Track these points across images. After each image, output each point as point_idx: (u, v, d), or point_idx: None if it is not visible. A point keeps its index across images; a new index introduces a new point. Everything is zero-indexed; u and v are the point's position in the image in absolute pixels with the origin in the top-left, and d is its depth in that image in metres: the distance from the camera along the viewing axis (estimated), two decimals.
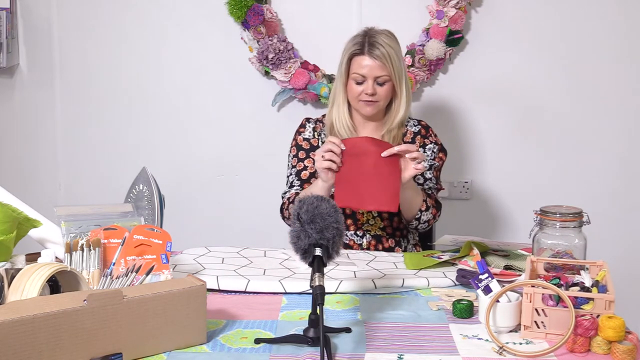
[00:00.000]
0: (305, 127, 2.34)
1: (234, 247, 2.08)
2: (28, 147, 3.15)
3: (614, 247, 2.84)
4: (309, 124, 2.34)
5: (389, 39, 2.18)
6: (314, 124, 2.33)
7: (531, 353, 1.33)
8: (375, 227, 2.25)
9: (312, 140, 2.31)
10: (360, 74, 2.17)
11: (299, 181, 2.28)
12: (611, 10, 2.88)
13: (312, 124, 2.33)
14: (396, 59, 2.17)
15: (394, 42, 2.19)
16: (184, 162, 3.10)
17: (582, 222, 1.64)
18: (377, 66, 2.15)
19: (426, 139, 2.28)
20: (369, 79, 2.17)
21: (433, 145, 2.28)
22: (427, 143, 2.28)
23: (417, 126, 2.30)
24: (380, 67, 2.15)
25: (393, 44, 2.18)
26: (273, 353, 1.34)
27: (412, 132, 2.29)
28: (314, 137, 2.31)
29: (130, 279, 1.45)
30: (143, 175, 1.92)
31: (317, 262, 1.36)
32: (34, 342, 1.16)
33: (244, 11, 2.84)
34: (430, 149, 2.27)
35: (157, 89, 3.07)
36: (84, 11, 3.04)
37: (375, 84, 2.17)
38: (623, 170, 2.96)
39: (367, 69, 2.16)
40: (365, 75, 2.17)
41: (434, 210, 2.20)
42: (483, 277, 1.48)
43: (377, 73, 2.16)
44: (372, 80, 2.17)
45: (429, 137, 2.29)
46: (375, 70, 2.16)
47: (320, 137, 2.31)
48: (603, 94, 2.93)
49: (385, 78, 2.17)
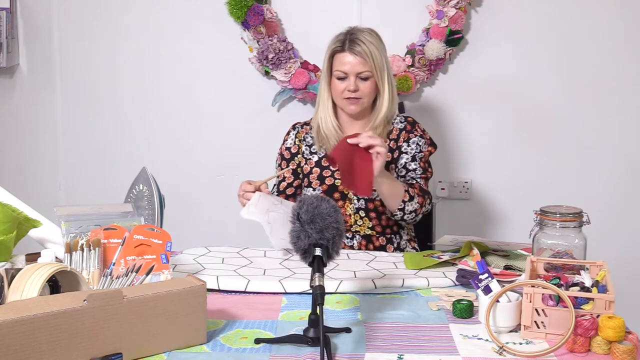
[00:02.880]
0: (290, 134, 2.37)
1: (234, 247, 2.08)
2: (28, 147, 3.15)
3: (614, 247, 2.84)
4: (293, 131, 2.37)
5: (371, 36, 2.21)
6: (299, 128, 2.36)
7: (531, 353, 1.33)
8: (364, 227, 2.26)
9: (292, 148, 2.34)
10: (342, 71, 2.20)
11: (277, 192, 2.33)
12: (611, 10, 2.88)
13: (296, 130, 2.36)
14: (377, 55, 2.19)
15: (375, 39, 2.21)
16: (184, 162, 3.10)
17: (582, 222, 1.64)
18: (357, 62, 2.18)
19: (410, 134, 2.28)
20: (351, 75, 2.19)
21: (418, 139, 2.27)
22: (411, 137, 2.27)
23: (403, 122, 2.30)
24: (361, 63, 2.17)
25: (374, 41, 2.20)
26: (273, 353, 1.34)
27: (397, 129, 2.29)
28: (294, 145, 2.34)
29: (130, 279, 1.45)
30: (143, 175, 1.92)
31: (317, 262, 1.37)
32: (34, 342, 1.16)
33: (244, 11, 2.84)
34: (414, 142, 2.26)
35: (157, 89, 3.07)
36: (84, 11, 3.04)
37: (358, 80, 2.19)
38: (623, 170, 2.96)
39: (349, 66, 2.18)
40: (347, 71, 2.19)
41: (420, 198, 2.16)
42: (483, 277, 1.48)
43: (359, 69, 2.18)
44: (354, 77, 2.19)
45: (413, 132, 2.28)
46: (356, 66, 2.18)
47: (304, 141, 2.33)
48: (603, 94, 2.93)
49: (367, 74, 2.19)
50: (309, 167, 2.30)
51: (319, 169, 2.28)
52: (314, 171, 2.29)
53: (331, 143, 2.25)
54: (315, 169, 2.29)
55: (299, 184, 2.33)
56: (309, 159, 2.31)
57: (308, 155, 2.31)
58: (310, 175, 2.29)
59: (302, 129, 2.36)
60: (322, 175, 2.28)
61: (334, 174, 2.26)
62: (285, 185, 2.32)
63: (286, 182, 2.32)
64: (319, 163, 2.29)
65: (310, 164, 2.30)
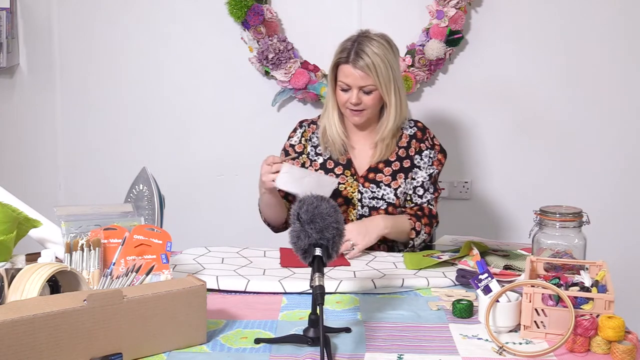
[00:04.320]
0: (296, 131, 2.32)
1: (234, 247, 2.08)
2: (28, 147, 3.15)
3: (614, 247, 2.84)
4: (300, 129, 2.31)
5: (379, 46, 2.11)
6: (306, 127, 2.31)
7: (531, 353, 1.33)
8: None
9: (297, 147, 2.29)
10: (345, 83, 2.13)
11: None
12: (611, 10, 2.88)
13: (303, 129, 2.31)
14: (383, 69, 2.10)
15: (384, 50, 2.11)
16: (184, 162, 3.10)
17: (582, 222, 1.64)
18: (360, 77, 2.10)
19: (422, 144, 2.23)
20: (354, 88, 2.13)
21: (429, 151, 2.23)
22: (423, 148, 2.23)
23: (413, 128, 2.25)
24: (363, 77, 2.10)
25: (382, 52, 2.11)
26: (273, 353, 1.34)
27: (407, 136, 2.24)
28: (299, 143, 2.28)
29: (130, 279, 1.45)
30: (143, 175, 1.92)
31: (317, 262, 1.37)
32: (34, 342, 1.16)
33: (244, 11, 2.84)
34: (426, 155, 2.23)
35: (157, 89, 3.07)
36: (84, 11, 3.04)
37: (361, 93, 2.13)
38: (623, 170, 2.97)
39: (351, 79, 2.12)
40: (350, 84, 2.13)
41: (428, 228, 2.18)
42: (483, 277, 1.48)
43: (361, 83, 2.11)
44: (357, 90, 2.12)
45: (425, 142, 2.24)
46: (358, 80, 2.11)
47: (310, 141, 2.28)
48: (603, 94, 2.94)
49: (370, 87, 2.12)
50: (314, 169, 2.26)
51: (323, 172, 2.25)
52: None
53: (337, 147, 2.22)
54: (320, 171, 2.25)
55: None
56: (314, 161, 2.26)
57: (313, 156, 2.27)
58: None
59: (309, 128, 2.30)
60: None
61: (339, 178, 2.21)
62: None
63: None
64: (324, 165, 2.25)
65: (315, 166, 2.26)
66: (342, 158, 2.23)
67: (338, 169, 2.23)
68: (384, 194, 2.20)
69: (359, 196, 2.21)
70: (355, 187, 2.21)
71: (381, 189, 2.20)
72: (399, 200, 2.21)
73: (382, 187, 2.20)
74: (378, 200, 2.20)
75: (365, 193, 2.20)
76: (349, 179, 2.22)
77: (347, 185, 2.21)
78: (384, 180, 2.20)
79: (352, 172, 2.22)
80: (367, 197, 2.20)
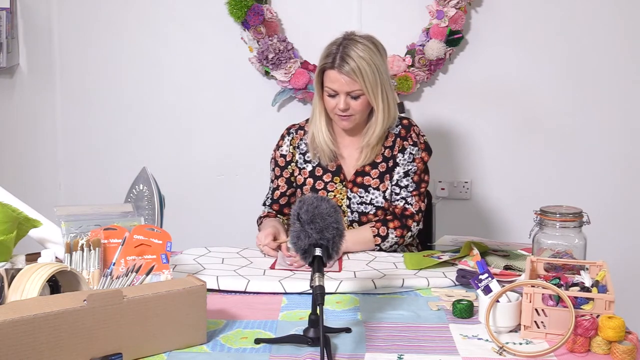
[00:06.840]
0: (284, 139, 2.27)
1: (234, 247, 2.08)
2: (28, 147, 3.15)
3: (614, 247, 2.84)
4: (287, 137, 2.26)
5: (365, 49, 2.06)
6: (293, 134, 2.26)
7: (531, 353, 1.33)
8: None
9: (287, 156, 2.25)
10: (332, 89, 2.08)
11: (271, 201, 2.27)
12: (611, 10, 2.88)
13: (290, 136, 2.26)
14: (369, 73, 2.05)
15: (370, 53, 2.06)
16: (184, 162, 3.10)
17: (582, 222, 1.64)
18: (346, 82, 2.05)
19: (405, 141, 2.18)
20: (341, 93, 2.07)
21: (411, 148, 2.17)
22: (405, 146, 2.17)
23: (399, 127, 2.20)
24: (349, 82, 2.05)
25: (369, 55, 2.05)
26: (273, 353, 1.34)
27: (393, 135, 2.19)
28: (289, 152, 2.25)
29: (130, 279, 1.45)
30: (143, 175, 1.92)
31: (317, 262, 1.37)
32: (34, 342, 1.16)
33: (244, 11, 2.84)
34: (408, 152, 2.17)
35: (157, 89, 3.07)
36: (84, 11, 3.04)
37: (349, 98, 2.09)
38: (623, 170, 2.96)
39: (338, 84, 2.06)
40: (337, 90, 2.07)
41: (398, 231, 2.11)
42: (483, 277, 1.48)
43: (347, 88, 2.06)
44: (344, 95, 2.07)
45: (408, 139, 2.18)
46: (345, 86, 2.06)
47: (298, 148, 2.24)
48: (603, 94, 2.93)
49: (357, 92, 2.07)
50: (303, 178, 2.23)
51: (312, 180, 2.21)
52: (307, 182, 2.22)
53: (326, 154, 2.18)
54: (308, 179, 2.22)
55: (292, 192, 2.26)
56: (302, 169, 2.23)
57: (302, 164, 2.23)
58: (303, 186, 2.22)
59: (296, 135, 2.25)
60: (314, 187, 2.21)
61: (327, 186, 2.19)
62: (279, 194, 2.25)
63: (280, 191, 2.25)
64: (313, 173, 2.22)
65: (304, 174, 2.22)
66: (331, 165, 2.20)
67: (327, 176, 2.20)
68: (372, 198, 2.17)
69: (347, 202, 2.19)
70: (344, 193, 2.19)
71: (369, 194, 2.17)
72: (388, 202, 2.18)
73: (371, 192, 2.17)
74: (367, 205, 2.17)
75: (354, 199, 2.18)
76: (338, 185, 2.19)
77: (336, 192, 2.19)
78: (372, 184, 2.17)
79: (341, 178, 2.20)
80: (355, 203, 2.18)
